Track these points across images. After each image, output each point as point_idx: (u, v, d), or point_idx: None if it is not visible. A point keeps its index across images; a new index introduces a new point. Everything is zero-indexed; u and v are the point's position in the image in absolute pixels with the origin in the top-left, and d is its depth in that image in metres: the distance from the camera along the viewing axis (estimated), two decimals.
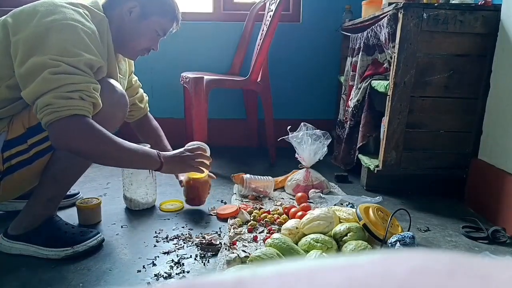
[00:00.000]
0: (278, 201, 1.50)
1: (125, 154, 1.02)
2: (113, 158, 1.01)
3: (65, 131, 0.93)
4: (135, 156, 1.04)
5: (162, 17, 1.16)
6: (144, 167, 1.16)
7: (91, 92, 0.95)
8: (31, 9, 0.99)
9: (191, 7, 2.35)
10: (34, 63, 0.91)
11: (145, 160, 1.07)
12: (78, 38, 0.96)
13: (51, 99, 0.90)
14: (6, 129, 1.02)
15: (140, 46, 1.18)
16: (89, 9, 1.05)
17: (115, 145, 0.99)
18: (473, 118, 1.50)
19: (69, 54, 0.94)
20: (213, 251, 1.10)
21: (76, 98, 0.92)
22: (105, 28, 1.08)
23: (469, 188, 1.51)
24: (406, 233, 1.09)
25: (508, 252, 1.15)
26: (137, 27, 1.13)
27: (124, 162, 1.08)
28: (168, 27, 1.19)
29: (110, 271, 1.00)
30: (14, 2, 2.18)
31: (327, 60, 2.35)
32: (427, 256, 0.14)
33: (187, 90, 2.13)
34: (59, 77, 0.91)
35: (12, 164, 1.02)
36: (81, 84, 0.93)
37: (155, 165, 1.09)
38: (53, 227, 1.08)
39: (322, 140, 1.55)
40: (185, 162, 1.17)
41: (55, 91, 0.91)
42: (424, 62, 1.44)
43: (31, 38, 0.93)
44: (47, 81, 0.90)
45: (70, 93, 0.92)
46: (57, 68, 0.91)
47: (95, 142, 0.96)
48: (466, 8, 1.40)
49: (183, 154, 1.18)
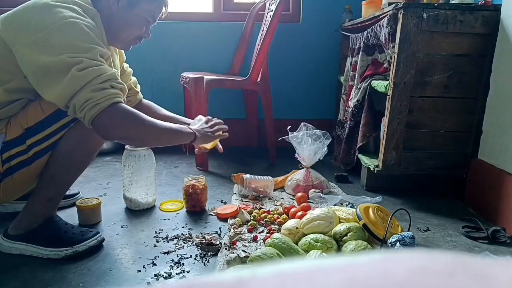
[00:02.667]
0: (278, 201, 1.50)
1: (164, 134, 1.08)
2: (154, 138, 1.09)
3: (111, 121, 0.95)
4: (172, 133, 1.11)
5: (151, 3, 1.13)
6: (181, 142, 1.20)
7: (117, 79, 0.98)
8: (24, 13, 0.96)
9: (191, 7, 2.35)
10: (51, 64, 0.91)
11: (181, 136, 1.14)
12: (83, 33, 0.96)
13: (88, 93, 0.91)
14: (4, 130, 1.01)
15: (131, 35, 1.16)
16: (81, 5, 1.03)
17: (154, 126, 1.04)
18: (473, 118, 1.50)
19: (82, 49, 0.94)
20: (213, 251, 1.10)
21: (108, 88, 0.94)
22: (98, 23, 1.07)
23: (469, 188, 1.51)
24: (406, 233, 1.09)
25: (508, 252, 1.15)
26: (126, 16, 1.11)
27: (164, 141, 1.14)
28: (157, 12, 1.17)
29: (110, 271, 1.00)
30: (14, 2, 2.18)
31: (327, 60, 2.34)
32: (427, 256, 0.14)
33: (187, 90, 2.13)
34: (86, 72, 0.92)
35: (12, 165, 1.02)
36: (107, 74, 0.95)
37: (190, 138, 1.15)
38: (53, 227, 1.08)
39: (322, 140, 1.55)
40: (212, 131, 1.24)
41: (89, 86, 0.92)
42: (424, 62, 1.44)
43: (35, 44, 0.92)
44: (77, 78, 0.91)
45: (102, 83, 0.93)
46: (81, 64, 0.91)
47: (137, 127, 1.01)
48: (466, 8, 1.40)
49: (207, 126, 1.25)
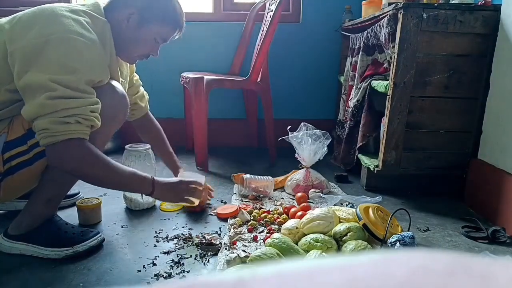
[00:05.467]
0: (278, 201, 1.50)
1: (117, 179, 1.03)
2: (106, 181, 1.04)
3: (61, 154, 0.94)
4: (127, 180, 1.05)
5: (162, 26, 1.11)
6: (136, 191, 1.17)
7: (88, 115, 0.95)
8: (29, 17, 0.96)
9: (191, 7, 2.35)
10: (33, 81, 0.90)
11: (137, 185, 1.08)
12: (77, 53, 0.94)
13: (47, 124, 0.91)
14: (6, 130, 1.01)
15: (137, 52, 1.15)
16: (91, 16, 1.02)
17: (108, 169, 1.00)
18: (473, 118, 1.50)
19: (68, 71, 0.92)
20: (213, 251, 1.10)
21: (72, 123, 0.93)
22: (107, 33, 1.06)
23: (469, 188, 1.51)
24: (406, 233, 1.09)
25: (508, 252, 1.15)
26: (135, 35, 1.10)
27: (116, 186, 1.11)
28: (168, 35, 1.15)
29: (110, 271, 1.00)
30: (14, 2, 2.18)
31: (327, 60, 2.34)
32: (427, 256, 0.14)
33: (187, 90, 2.13)
34: (55, 102, 0.90)
35: (13, 165, 1.02)
36: (78, 108, 0.93)
37: (147, 190, 1.10)
38: (53, 227, 1.08)
39: (322, 140, 1.55)
40: (177, 193, 1.16)
41: (52, 116, 0.91)
42: (424, 62, 1.44)
43: (29, 51, 0.91)
44: (43, 106, 0.90)
45: (66, 117, 0.92)
46: (54, 93, 0.90)
47: (89, 166, 0.98)
48: (466, 8, 1.40)
49: (177, 184, 1.17)
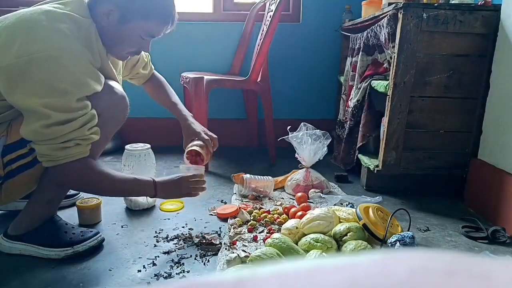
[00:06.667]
0: (278, 201, 1.50)
1: (121, 189, 1.11)
2: (110, 193, 1.16)
3: (65, 175, 0.99)
4: (130, 188, 1.11)
5: (147, 22, 1.02)
6: (141, 196, 1.28)
7: (86, 136, 0.96)
8: (9, 32, 0.92)
9: (191, 7, 2.35)
10: (24, 104, 0.91)
11: (140, 190, 1.15)
12: (64, 71, 0.91)
13: (47, 150, 0.94)
14: (5, 133, 1.00)
15: (125, 50, 1.09)
16: (74, 19, 0.97)
17: (111, 182, 1.06)
18: (473, 118, 1.50)
19: (58, 93, 0.90)
20: (213, 251, 1.10)
21: (72, 146, 0.95)
22: (93, 35, 1.01)
23: (469, 188, 1.51)
24: (406, 233, 1.09)
25: (508, 252, 1.15)
26: (118, 32, 1.03)
27: (120, 195, 1.26)
28: (155, 31, 1.06)
29: (110, 271, 1.00)
30: (13, 2, 2.18)
31: (327, 60, 2.34)
32: (427, 256, 0.14)
33: (187, 90, 2.13)
34: (51, 130, 0.91)
35: (13, 168, 1.01)
36: (75, 131, 0.94)
37: (151, 193, 1.13)
38: (53, 227, 1.08)
39: (322, 140, 1.55)
40: (180, 190, 1.16)
41: (50, 143, 0.93)
42: (424, 62, 1.44)
43: (13, 70, 0.89)
44: (40, 134, 0.92)
45: (65, 142, 0.93)
46: (48, 120, 0.90)
47: (92, 183, 1.04)
48: (466, 8, 1.40)
49: (178, 181, 1.17)
